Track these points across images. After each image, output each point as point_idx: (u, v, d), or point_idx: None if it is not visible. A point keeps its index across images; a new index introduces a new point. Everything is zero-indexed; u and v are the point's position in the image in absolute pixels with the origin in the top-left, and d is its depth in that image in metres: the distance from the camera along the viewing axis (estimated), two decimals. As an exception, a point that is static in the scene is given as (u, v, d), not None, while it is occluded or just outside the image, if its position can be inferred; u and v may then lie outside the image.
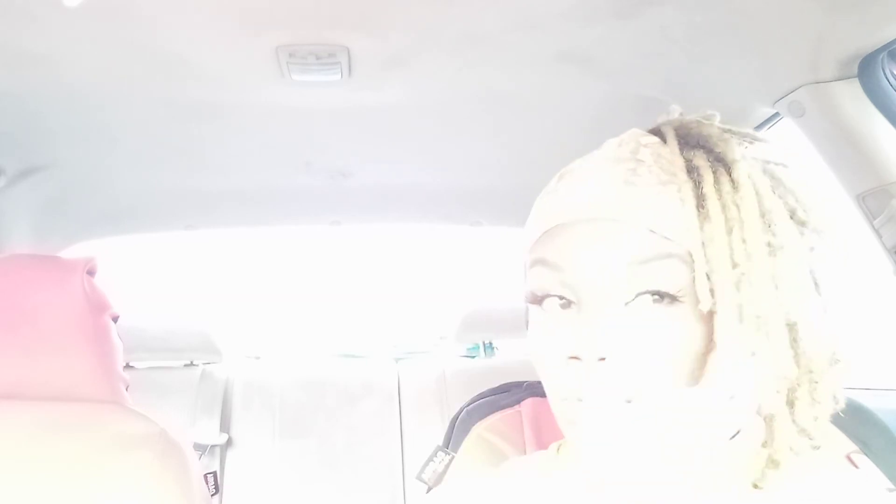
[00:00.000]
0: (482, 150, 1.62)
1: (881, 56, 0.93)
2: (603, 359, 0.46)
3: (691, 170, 0.49)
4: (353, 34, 1.08)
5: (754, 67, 1.06)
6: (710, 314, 0.46)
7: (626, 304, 0.47)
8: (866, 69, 0.94)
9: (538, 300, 0.51)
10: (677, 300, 0.47)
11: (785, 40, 0.97)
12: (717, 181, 0.48)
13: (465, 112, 1.41)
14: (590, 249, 0.48)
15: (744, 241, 0.46)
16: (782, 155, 0.53)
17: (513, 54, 1.16)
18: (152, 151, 1.56)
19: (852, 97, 0.96)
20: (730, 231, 0.46)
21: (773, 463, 0.50)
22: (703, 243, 0.46)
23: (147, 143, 1.51)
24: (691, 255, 0.47)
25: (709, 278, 0.46)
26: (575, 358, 0.47)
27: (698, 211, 0.47)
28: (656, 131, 0.54)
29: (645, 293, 0.47)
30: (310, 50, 1.11)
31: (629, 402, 0.46)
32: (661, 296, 0.47)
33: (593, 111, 1.36)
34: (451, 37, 1.10)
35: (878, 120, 0.95)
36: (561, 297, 0.50)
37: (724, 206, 0.47)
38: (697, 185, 0.48)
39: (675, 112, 0.56)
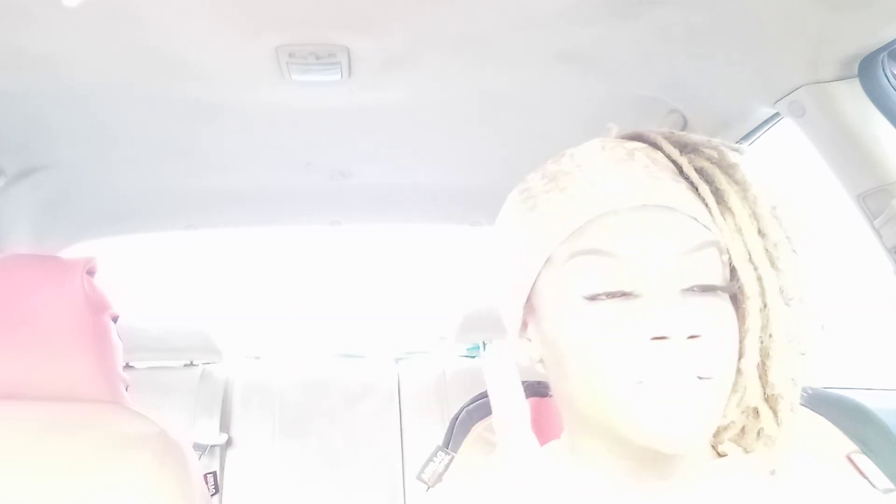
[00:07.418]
0: (482, 150, 1.62)
1: (881, 56, 0.93)
2: (693, 336, 0.46)
3: (697, 170, 0.51)
4: (353, 34, 1.08)
5: (754, 67, 1.06)
6: (741, 300, 0.49)
7: (687, 289, 0.49)
8: (866, 69, 0.94)
9: (593, 297, 0.49)
10: (719, 287, 0.49)
11: (785, 40, 0.97)
12: (727, 180, 0.51)
13: (465, 112, 1.40)
14: (651, 235, 0.49)
15: (762, 232, 0.49)
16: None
17: (513, 54, 1.16)
18: (152, 151, 1.56)
19: (852, 97, 0.96)
20: (749, 223, 0.50)
21: (769, 440, 0.52)
22: (730, 235, 0.50)
23: (147, 143, 1.51)
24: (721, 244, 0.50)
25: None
26: (661, 338, 0.47)
27: (717, 205, 0.50)
28: (636, 136, 0.55)
29: (698, 282, 0.49)
30: (310, 50, 1.11)
31: (707, 378, 0.47)
32: (710, 286, 0.49)
33: (593, 111, 1.36)
34: (451, 37, 1.10)
35: (878, 120, 0.95)
36: (618, 291, 0.49)
37: (740, 202, 0.50)
38: (709, 182, 0.51)
39: (614, 131, 0.58)
